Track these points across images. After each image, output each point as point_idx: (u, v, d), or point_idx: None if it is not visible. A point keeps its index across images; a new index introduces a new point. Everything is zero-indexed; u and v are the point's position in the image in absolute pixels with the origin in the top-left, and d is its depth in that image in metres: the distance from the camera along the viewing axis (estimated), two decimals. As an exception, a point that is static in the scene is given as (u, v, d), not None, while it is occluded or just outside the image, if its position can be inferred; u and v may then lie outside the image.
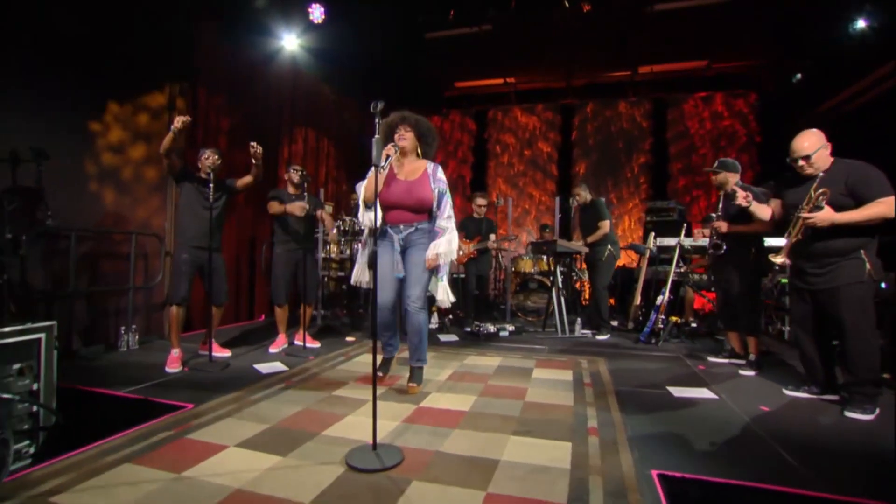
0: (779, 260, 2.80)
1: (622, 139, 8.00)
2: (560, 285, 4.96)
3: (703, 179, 7.50)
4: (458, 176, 8.85)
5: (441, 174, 2.78)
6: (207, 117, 4.96)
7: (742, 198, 3.01)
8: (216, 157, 3.53)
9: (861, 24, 4.75)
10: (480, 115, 8.80)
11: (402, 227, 2.74)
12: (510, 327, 4.92)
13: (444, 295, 2.77)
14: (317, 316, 5.43)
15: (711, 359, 3.82)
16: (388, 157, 2.61)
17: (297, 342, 4.23)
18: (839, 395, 2.81)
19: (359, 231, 5.79)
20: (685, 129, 7.62)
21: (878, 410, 2.55)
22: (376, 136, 2.14)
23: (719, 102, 7.41)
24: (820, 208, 2.53)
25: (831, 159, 2.69)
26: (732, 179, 3.57)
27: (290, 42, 5.44)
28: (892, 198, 2.46)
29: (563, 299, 4.96)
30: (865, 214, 2.46)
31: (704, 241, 4.41)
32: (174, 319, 3.42)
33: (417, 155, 2.85)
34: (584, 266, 6.33)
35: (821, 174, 2.59)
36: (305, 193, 3.86)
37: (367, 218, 2.71)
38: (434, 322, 5.24)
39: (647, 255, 4.94)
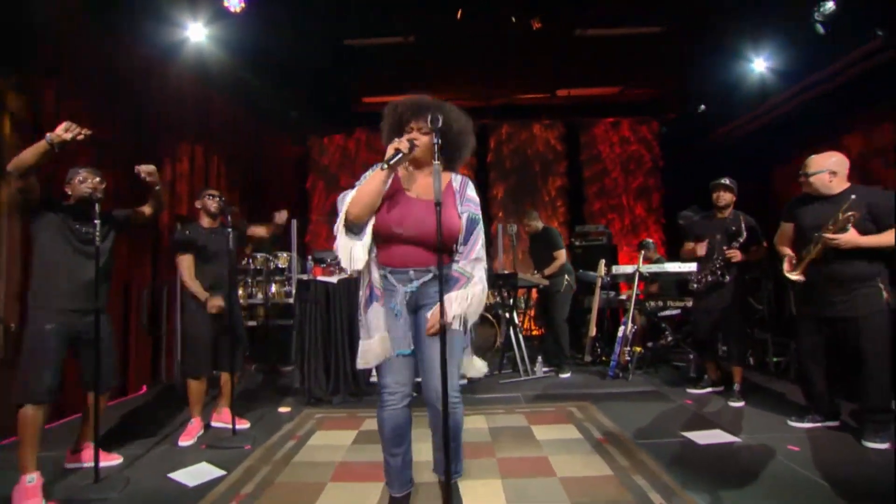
0: (794, 276, 2.83)
1: (538, 162, 8.22)
2: (517, 322, 4.72)
3: (615, 202, 8.02)
4: (368, 200, 8.29)
5: (472, 192, 1.95)
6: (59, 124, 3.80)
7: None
8: (97, 178, 2.61)
9: (760, 63, 5.43)
10: (390, 134, 8.41)
11: (411, 272, 1.85)
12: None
13: (477, 371, 2.04)
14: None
15: (691, 391, 3.86)
16: (397, 153, 1.72)
17: (214, 424, 3.32)
18: (839, 422, 2.95)
19: (275, 270, 4.94)
20: (598, 153, 8.11)
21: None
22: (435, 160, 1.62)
23: (626, 128, 8.05)
24: (845, 230, 2.61)
25: (846, 184, 2.80)
26: (733, 202, 3.67)
27: (196, 32, 4.43)
28: None
29: (521, 337, 4.72)
30: (886, 240, 2.59)
31: (664, 267, 4.52)
32: (30, 427, 2.32)
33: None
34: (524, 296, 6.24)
35: (853, 196, 2.63)
36: (230, 230, 3.04)
37: (353, 253, 1.80)
38: (374, 375, 4.60)
39: (600, 284, 4.96)
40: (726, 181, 3.67)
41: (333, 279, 3.93)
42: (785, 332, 4.32)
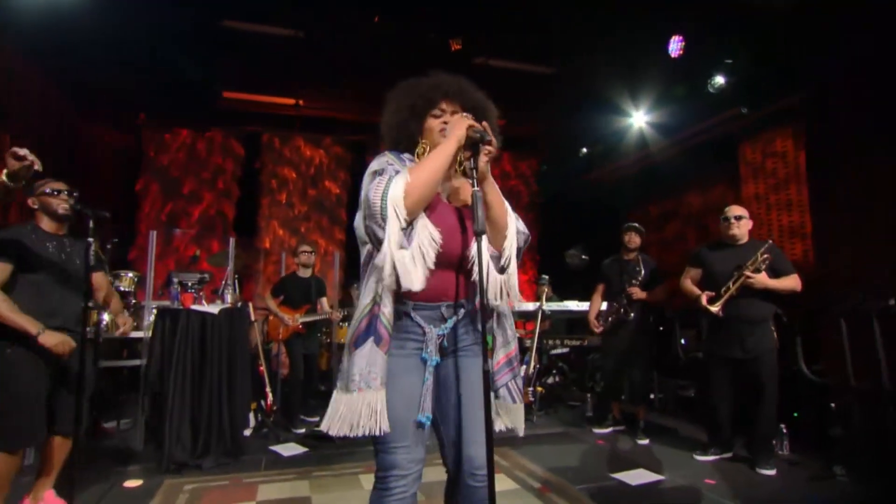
0: (714, 308, 3.27)
1: (418, 188, 8.34)
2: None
3: (494, 236, 8.52)
4: (218, 213, 7.44)
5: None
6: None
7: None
8: None
9: (641, 118, 6.39)
10: (252, 139, 7.71)
11: (443, 308, 1.55)
12: (364, 421, 4.23)
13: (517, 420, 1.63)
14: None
15: (597, 430, 4.17)
16: (481, 131, 1.44)
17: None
18: (732, 453, 3.47)
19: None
20: (478, 185, 8.55)
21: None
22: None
23: (507, 162, 8.68)
24: (759, 271, 3.15)
25: (748, 236, 3.41)
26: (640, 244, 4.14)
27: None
28: (797, 274, 3.26)
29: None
30: (785, 285, 3.21)
31: (565, 305, 4.89)
32: None
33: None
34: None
35: (769, 242, 3.24)
36: (91, 240, 2.41)
37: (403, 263, 1.40)
38: (249, 427, 4.05)
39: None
40: (636, 225, 4.18)
41: (213, 309, 3.39)
42: (667, 371, 4.99)
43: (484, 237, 1.48)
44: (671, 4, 4.29)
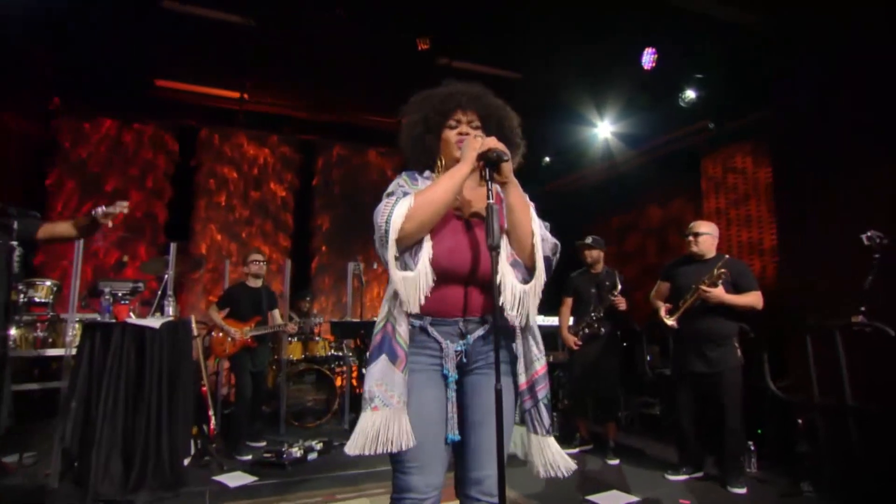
0: (670, 322, 3.44)
1: (370, 192, 8.21)
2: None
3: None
4: (146, 214, 7.00)
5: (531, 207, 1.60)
6: None
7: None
8: None
9: (607, 129, 6.59)
10: (188, 134, 7.33)
11: (460, 324, 1.53)
12: (317, 445, 4.07)
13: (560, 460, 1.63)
14: None
15: (564, 451, 4.19)
16: (500, 153, 1.43)
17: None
18: (703, 472, 3.59)
19: (24, 304, 3.70)
20: (434, 192, 8.54)
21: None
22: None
23: (464, 170, 8.72)
24: (716, 286, 3.30)
25: (715, 252, 3.57)
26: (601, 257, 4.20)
27: None
28: (759, 292, 3.42)
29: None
30: (744, 301, 3.37)
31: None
32: None
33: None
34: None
35: (726, 256, 3.42)
36: (15, 244, 2.17)
37: (411, 283, 1.42)
38: (189, 455, 3.79)
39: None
40: (589, 240, 4.26)
41: (154, 322, 3.15)
42: (632, 388, 5.12)
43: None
44: (644, 17, 4.45)
